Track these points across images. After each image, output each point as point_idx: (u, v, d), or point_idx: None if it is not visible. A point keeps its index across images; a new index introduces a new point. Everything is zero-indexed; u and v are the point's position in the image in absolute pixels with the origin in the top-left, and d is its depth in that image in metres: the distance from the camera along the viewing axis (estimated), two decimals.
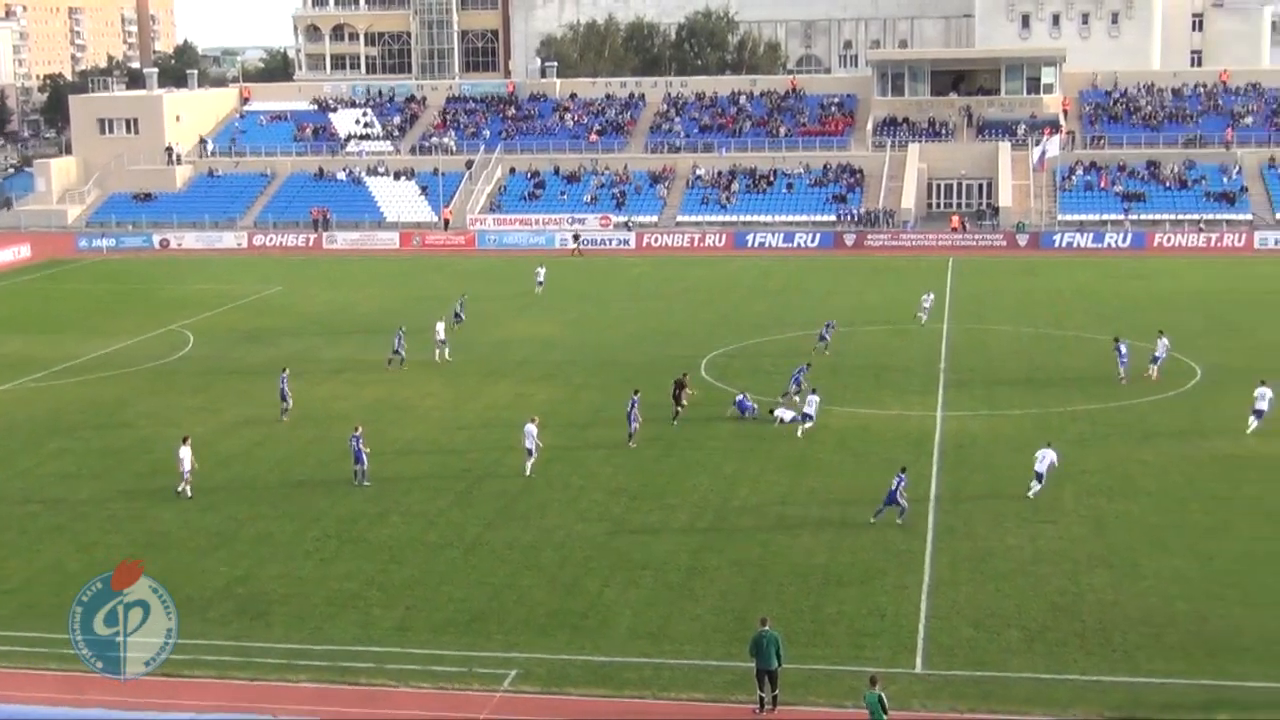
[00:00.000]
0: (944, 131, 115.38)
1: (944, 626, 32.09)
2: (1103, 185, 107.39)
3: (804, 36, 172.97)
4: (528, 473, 44.09)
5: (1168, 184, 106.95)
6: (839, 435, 48.61)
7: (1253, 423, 48.46)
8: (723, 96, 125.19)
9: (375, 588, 34.90)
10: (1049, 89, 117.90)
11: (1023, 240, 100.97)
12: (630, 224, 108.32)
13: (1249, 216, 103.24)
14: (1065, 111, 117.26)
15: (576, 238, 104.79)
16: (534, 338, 67.57)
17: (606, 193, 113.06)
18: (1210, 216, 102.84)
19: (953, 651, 30.86)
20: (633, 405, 48.09)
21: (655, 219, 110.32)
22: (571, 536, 38.52)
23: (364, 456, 43.43)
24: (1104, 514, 39.96)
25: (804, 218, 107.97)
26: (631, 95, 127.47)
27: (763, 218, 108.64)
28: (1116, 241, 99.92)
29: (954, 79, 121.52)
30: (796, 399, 51.22)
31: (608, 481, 43.49)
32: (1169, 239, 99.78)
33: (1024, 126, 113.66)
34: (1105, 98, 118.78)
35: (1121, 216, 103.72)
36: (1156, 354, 56.02)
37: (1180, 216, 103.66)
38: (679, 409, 50.67)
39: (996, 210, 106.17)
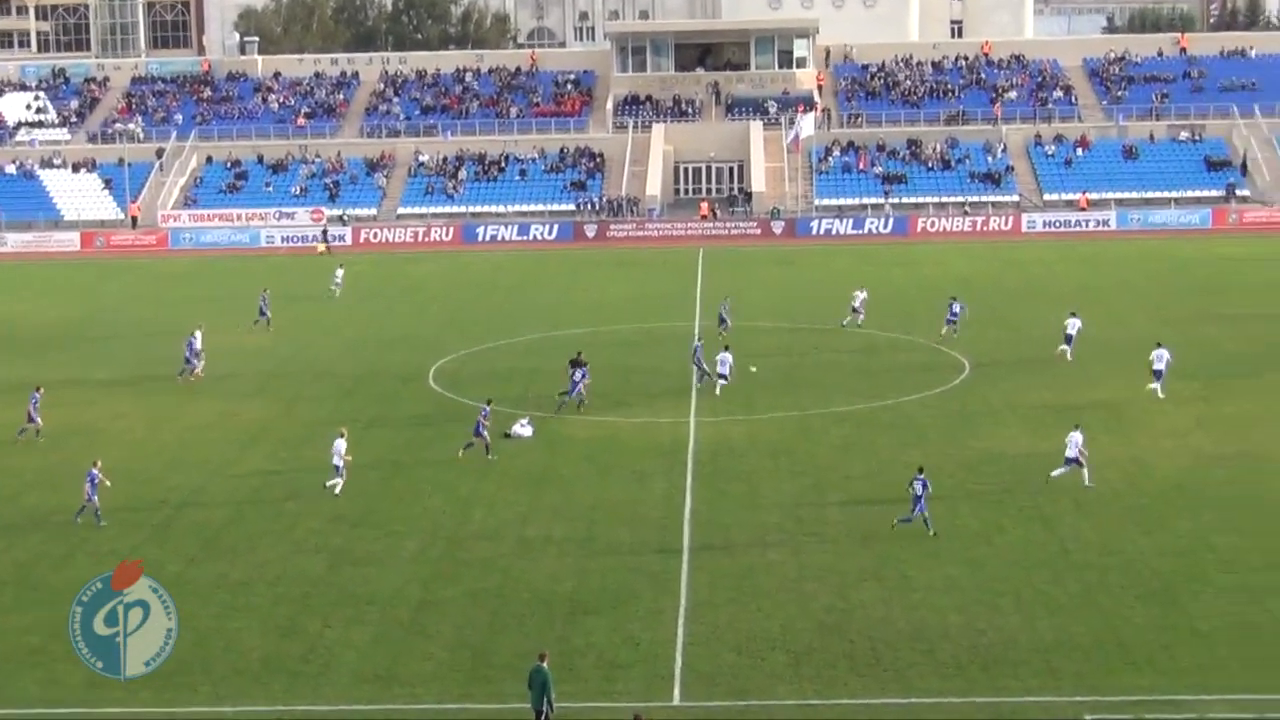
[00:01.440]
0: (690, 111, 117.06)
1: (703, 653, 32.49)
2: (861, 167, 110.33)
3: (535, 7, 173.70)
4: (336, 493, 43.84)
5: (930, 164, 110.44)
6: (583, 447, 48.88)
7: (1154, 385, 53.63)
8: (446, 74, 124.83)
9: (60, 640, 33.77)
10: (802, 63, 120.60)
11: (778, 228, 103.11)
12: (345, 218, 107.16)
13: (1015, 198, 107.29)
14: (820, 88, 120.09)
15: (325, 234, 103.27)
16: (241, 348, 66.34)
17: (318, 183, 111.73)
18: (975, 199, 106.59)
19: (714, 680, 31.27)
20: (483, 415, 47.88)
21: (374, 212, 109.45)
22: (287, 571, 37.90)
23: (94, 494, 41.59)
24: (871, 524, 40.89)
25: (539, 207, 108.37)
26: (344, 74, 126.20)
27: (494, 208, 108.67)
28: (877, 227, 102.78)
29: (700, 53, 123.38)
30: (708, 378, 55.32)
31: (327, 508, 42.93)
32: (932, 223, 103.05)
33: (776, 104, 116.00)
34: (862, 72, 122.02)
35: (882, 200, 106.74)
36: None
37: (944, 199, 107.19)
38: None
39: (749, 196, 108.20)
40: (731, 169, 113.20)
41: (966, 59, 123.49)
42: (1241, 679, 30.67)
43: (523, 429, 50.57)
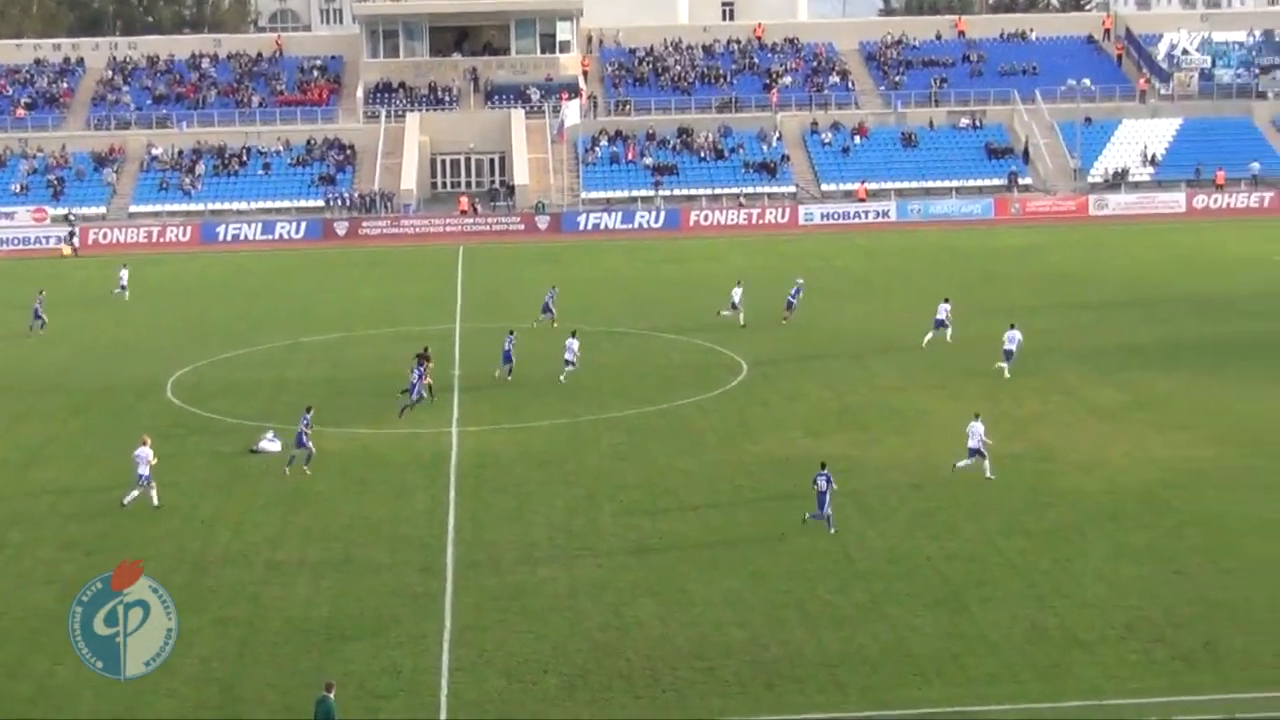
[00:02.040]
0: (447, 99, 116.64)
1: (470, 680, 32.36)
2: (630, 157, 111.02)
3: None
4: (155, 503, 43.38)
5: (702, 154, 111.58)
6: (338, 461, 48.38)
7: (1003, 365, 57.27)
8: (181, 60, 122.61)
9: None
10: (565, 47, 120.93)
11: (543, 223, 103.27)
12: (71, 217, 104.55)
13: (792, 189, 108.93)
14: (585, 73, 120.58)
15: (72, 235, 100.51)
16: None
17: (40, 180, 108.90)
18: (750, 190, 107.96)
19: (482, 708, 31.16)
20: (305, 424, 47.40)
21: (102, 210, 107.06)
22: (11, 607, 36.85)
23: None
24: (647, 535, 41.21)
25: (285, 204, 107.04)
26: (67, 60, 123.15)
27: (235, 205, 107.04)
28: (648, 221, 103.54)
29: (457, 36, 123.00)
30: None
31: (57, 534, 41.86)
32: (706, 216, 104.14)
33: (539, 91, 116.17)
34: (629, 57, 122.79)
35: (652, 192, 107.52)
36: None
37: (717, 190, 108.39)
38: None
39: (511, 189, 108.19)
40: (492, 161, 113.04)
41: (739, 43, 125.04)
42: (1032, 687, 31.49)
43: (270, 443, 49.89)
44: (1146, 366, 59.41)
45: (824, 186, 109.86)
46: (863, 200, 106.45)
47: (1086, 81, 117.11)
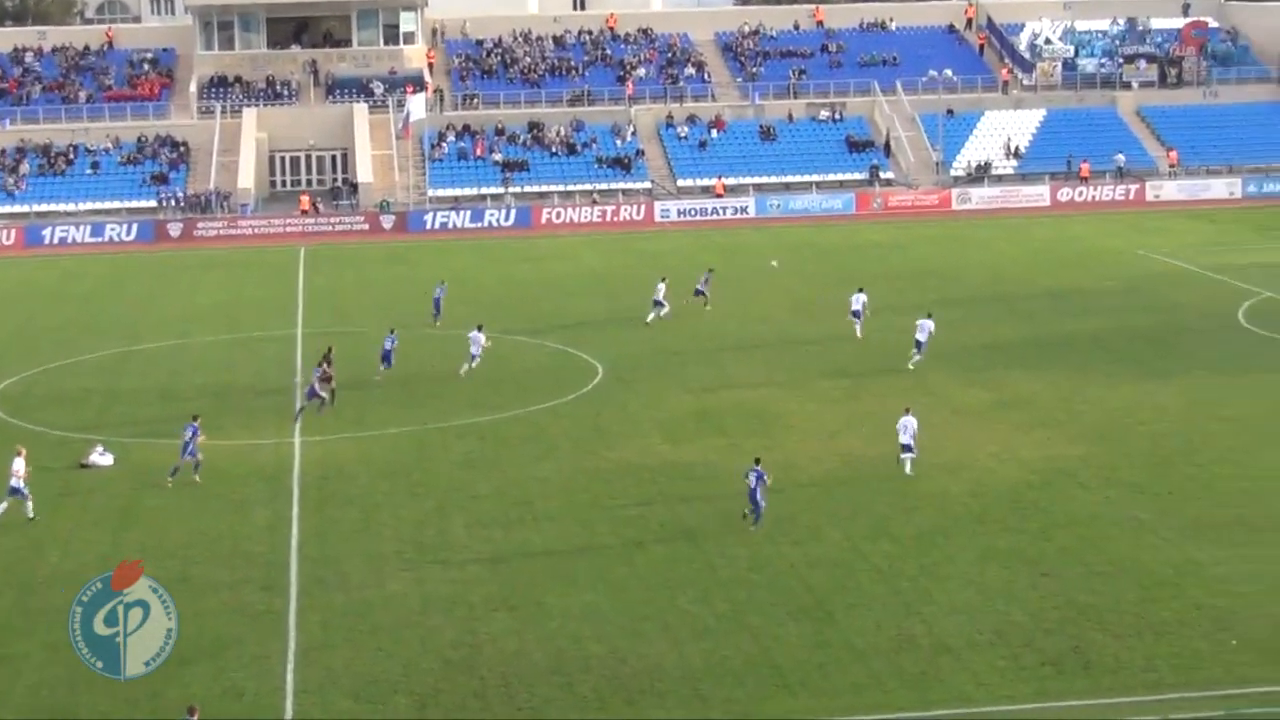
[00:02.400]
0: (286, 93, 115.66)
1: (317, 701, 32.14)
2: (479, 153, 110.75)
3: None
4: (30, 515, 43.12)
5: (553, 149, 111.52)
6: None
7: (914, 355, 59.06)
8: (3, 54, 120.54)
9: None
10: (410, 39, 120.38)
11: (388, 222, 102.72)
12: None
13: (647, 184, 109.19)
14: (430, 66, 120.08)
15: None
16: None
17: None
18: (604, 186, 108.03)
19: None
20: (193, 434, 47.00)
21: None
22: None
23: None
24: (501, 547, 41.17)
25: (115, 204, 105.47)
26: None
27: (62, 206, 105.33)
28: (498, 219, 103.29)
29: (296, 28, 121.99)
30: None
31: None
32: (558, 214, 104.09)
33: (382, 85, 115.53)
34: (476, 49, 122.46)
35: (502, 189, 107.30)
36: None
37: (570, 187, 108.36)
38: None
39: (355, 187, 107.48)
40: (334, 157, 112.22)
41: (591, 34, 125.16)
42: (899, 696, 31.86)
43: (100, 457, 49.26)
44: (1011, 365, 60.27)
45: (680, 182, 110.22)
46: (720, 196, 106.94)
47: (948, 72, 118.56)
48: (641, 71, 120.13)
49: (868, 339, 64.85)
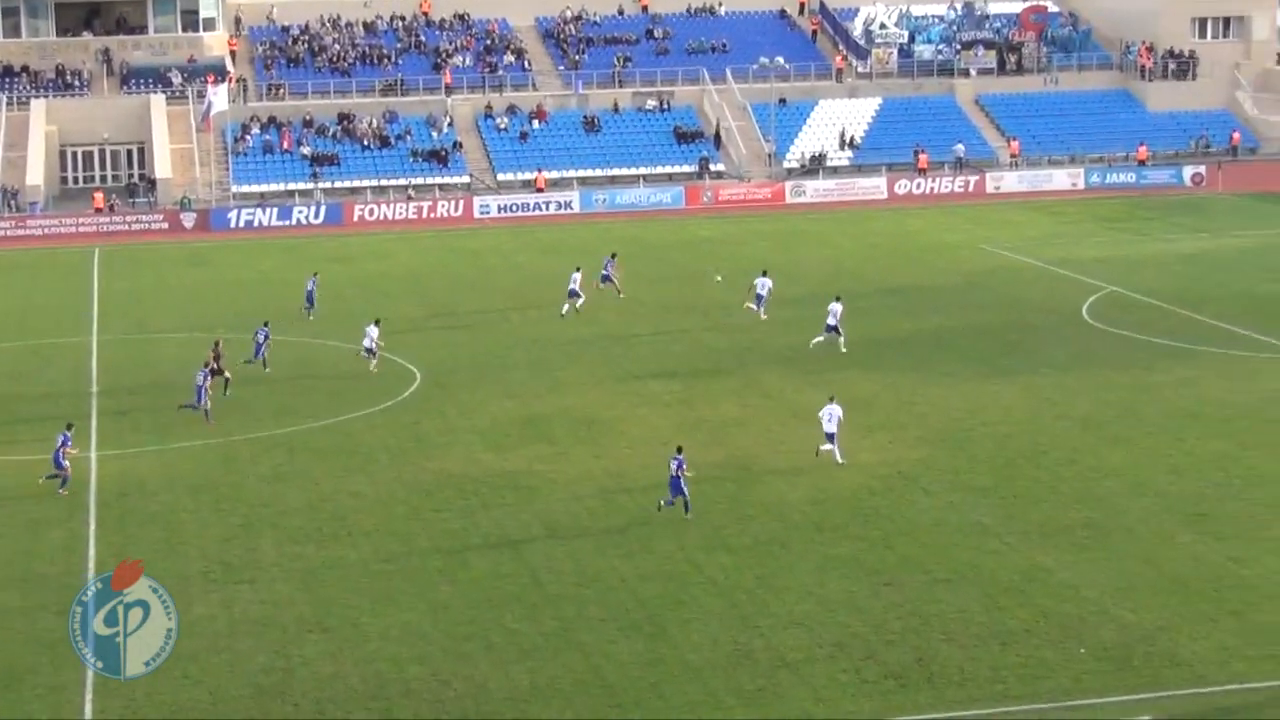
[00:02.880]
0: (78, 83, 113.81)
1: None
2: (286, 147, 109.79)
3: None
4: None
5: (365, 142, 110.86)
6: None
7: (819, 338, 62.57)
8: None
9: None
10: (210, 25, 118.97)
11: (189, 221, 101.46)
12: None
13: (465, 179, 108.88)
14: (233, 54, 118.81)
15: None
16: None
17: None
18: (419, 180, 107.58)
19: None
20: (64, 443, 46.81)
21: None
22: None
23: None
24: (314, 565, 40.83)
25: None
26: None
27: None
28: (307, 216, 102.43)
29: (87, 14, 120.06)
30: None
31: None
32: (371, 210, 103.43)
33: (181, 75, 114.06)
34: (282, 35, 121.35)
35: (311, 185, 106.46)
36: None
37: (383, 182, 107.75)
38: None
39: (153, 184, 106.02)
40: (130, 152, 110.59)
41: (404, 19, 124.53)
42: (737, 714, 32.04)
43: None
44: (849, 365, 60.86)
45: (500, 176, 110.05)
46: (541, 190, 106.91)
47: (780, 59, 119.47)
48: (458, 59, 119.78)
49: (701, 340, 65.23)
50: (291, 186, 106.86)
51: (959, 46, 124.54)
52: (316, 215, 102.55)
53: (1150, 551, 40.47)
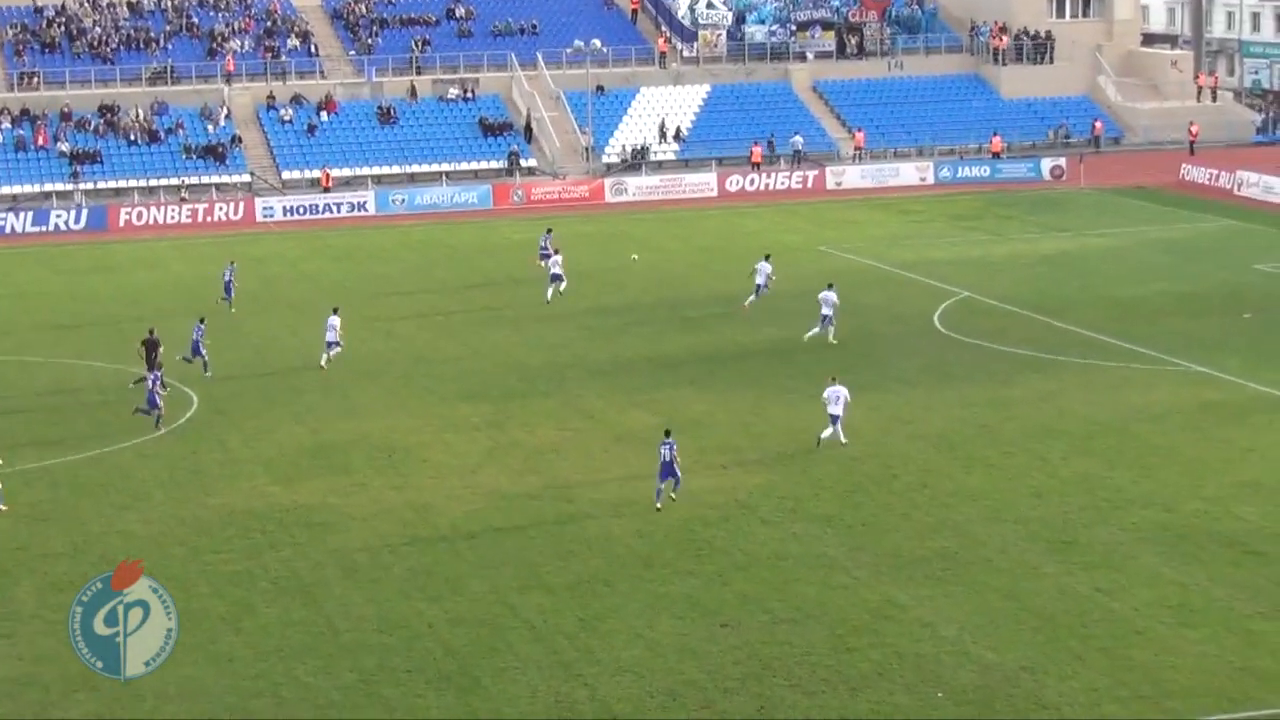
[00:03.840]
0: None
1: None
2: (41, 143, 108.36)
3: None
4: None
5: (132, 137, 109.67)
6: None
7: (814, 329, 65.79)
8: None
9: None
10: None
11: None
12: None
13: (246, 178, 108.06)
14: None
15: None
16: None
17: None
18: (194, 180, 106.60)
19: None
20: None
21: None
22: None
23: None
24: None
25: None
26: None
27: None
28: (66, 221, 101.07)
29: None
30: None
31: None
32: (139, 214, 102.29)
33: None
34: (35, 18, 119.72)
35: (71, 186, 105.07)
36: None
37: (152, 182, 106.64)
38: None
39: None
40: None
41: (174, 1, 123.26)
42: None
43: None
44: (680, 382, 61.12)
45: (285, 174, 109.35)
46: (329, 190, 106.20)
47: (596, 43, 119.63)
48: (236, 44, 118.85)
49: (513, 357, 65.23)
50: (48, 188, 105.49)
51: (794, 27, 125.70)
52: (77, 220, 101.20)
53: (1012, 584, 40.97)
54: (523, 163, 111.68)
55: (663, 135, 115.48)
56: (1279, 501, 46.44)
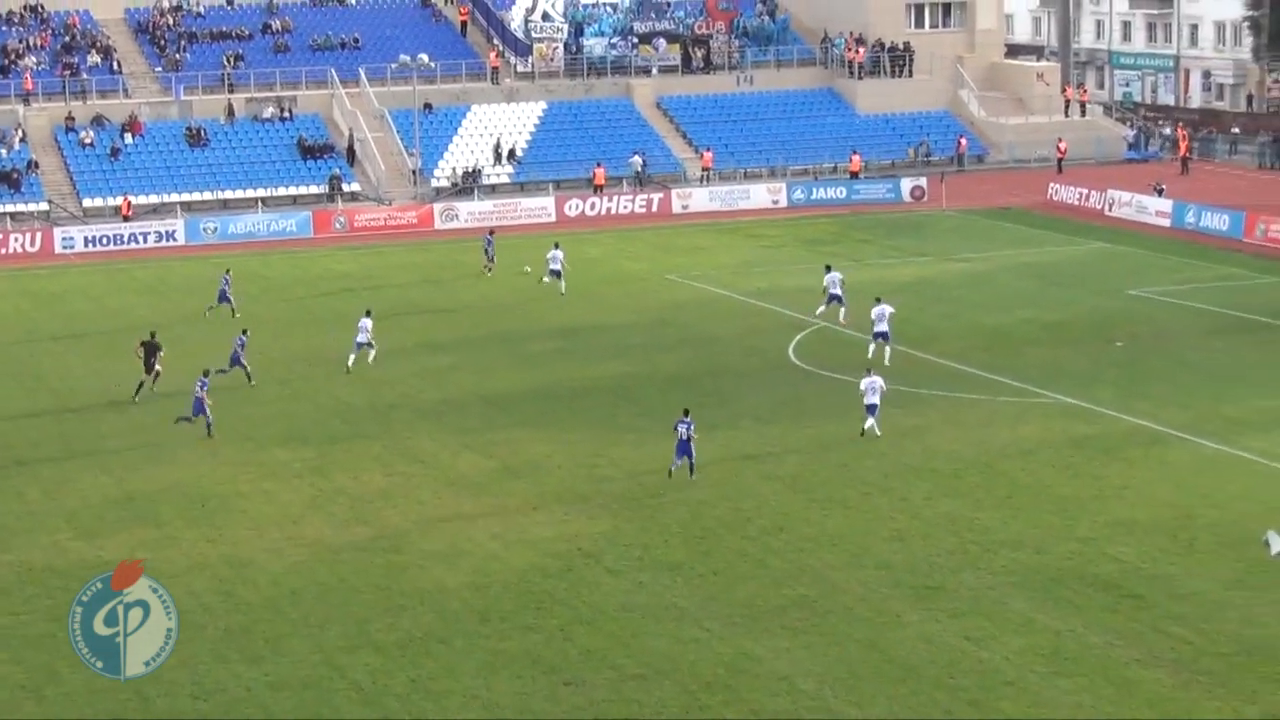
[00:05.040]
0: None
1: None
2: None
3: None
4: None
5: None
6: None
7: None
8: None
9: None
10: None
11: None
12: None
13: (43, 206, 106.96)
14: None
15: None
16: None
17: None
18: None
19: None
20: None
21: None
22: None
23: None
24: None
25: None
26: None
27: None
28: None
29: None
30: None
31: None
32: None
33: None
34: None
35: None
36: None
37: None
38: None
39: None
40: None
41: None
42: None
43: None
44: (516, 423, 61.08)
45: (86, 202, 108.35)
46: (129, 218, 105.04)
47: (424, 57, 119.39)
48: (31, 60, 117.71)
49: (337, 397, 64.99)
50: None
51: (635, 40, 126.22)
52: None
53: (874, 634, 41.27)
54: (345, 187, 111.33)
55: (496, 157, 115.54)
56: (1155, 541, 47.08)
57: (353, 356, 68.51)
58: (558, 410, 62.94)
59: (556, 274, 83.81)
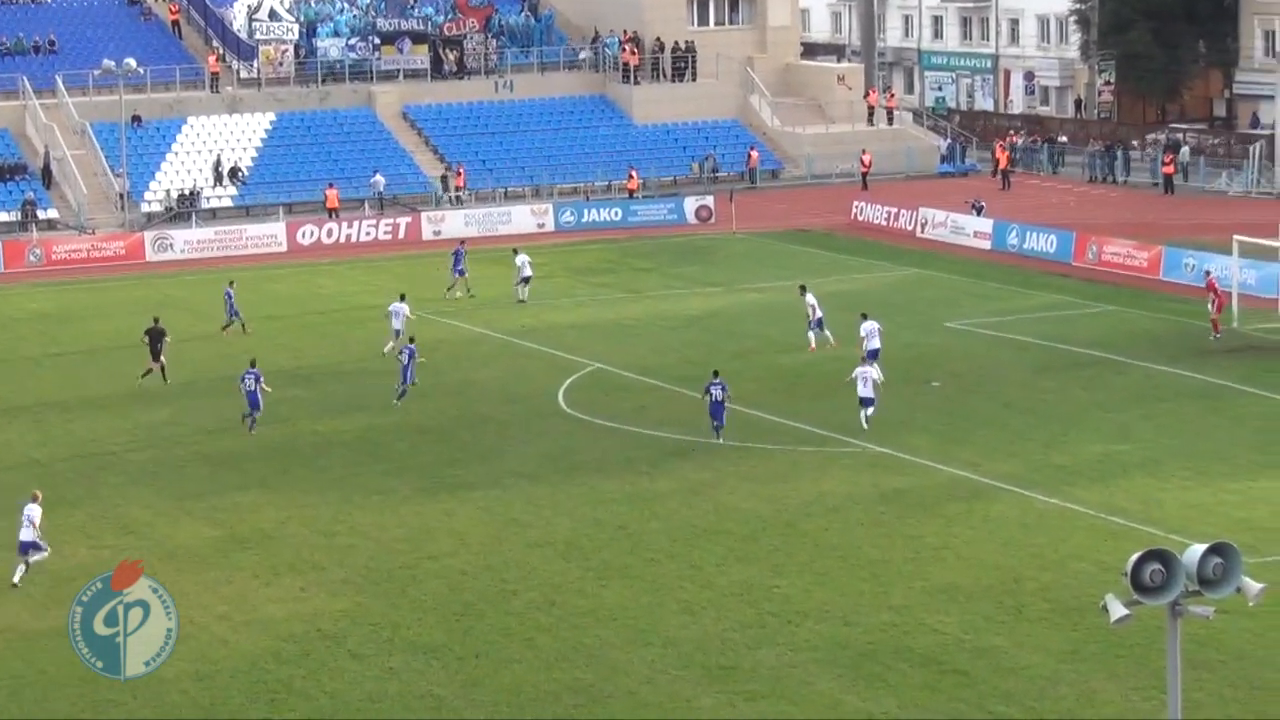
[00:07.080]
0: None
1: None
2: None
3: None
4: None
5: None
6: None
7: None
8: None
9: None
10: None
11: None
12: None
13: None
14: None
15: None
16: None
17: None
18: None
19: None
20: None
21: None
22: None
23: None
24: None
25: None
26: None
27: None
28: None
29: None
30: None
31: None
32: None
33: None
34: None
35: None
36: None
37: None
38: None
39: None
40: None
41: None
42: None
43: None
44: (245, 485, 60.58)
45: None
46: None
47: (131, 62, 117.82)
48: None
49: (25, 455, 64.19)
50: None
51: (377, 41, 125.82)
52: None
53: None
54: (41, 214, 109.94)
55: (217, 176, 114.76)
56: (980, 608, 47.42)
57: (389, 343, 76.45)
58: (292, 469, 62.52)
59: (526, 280, 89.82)
